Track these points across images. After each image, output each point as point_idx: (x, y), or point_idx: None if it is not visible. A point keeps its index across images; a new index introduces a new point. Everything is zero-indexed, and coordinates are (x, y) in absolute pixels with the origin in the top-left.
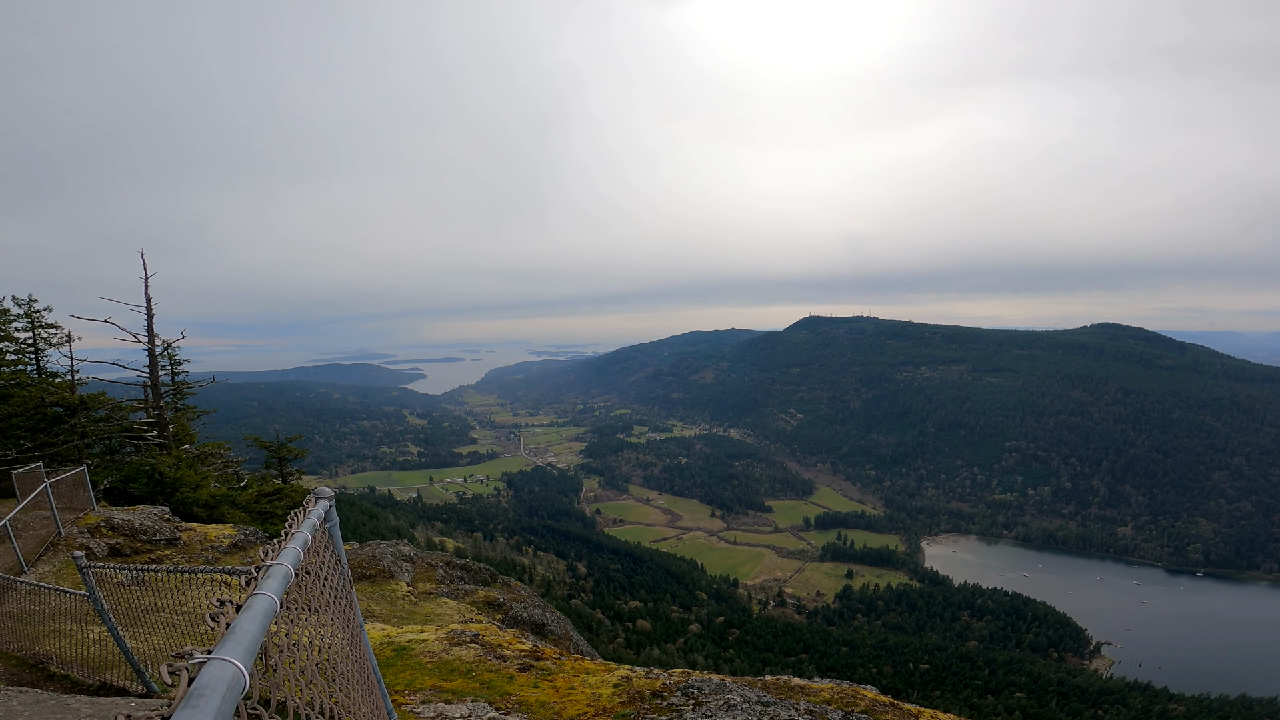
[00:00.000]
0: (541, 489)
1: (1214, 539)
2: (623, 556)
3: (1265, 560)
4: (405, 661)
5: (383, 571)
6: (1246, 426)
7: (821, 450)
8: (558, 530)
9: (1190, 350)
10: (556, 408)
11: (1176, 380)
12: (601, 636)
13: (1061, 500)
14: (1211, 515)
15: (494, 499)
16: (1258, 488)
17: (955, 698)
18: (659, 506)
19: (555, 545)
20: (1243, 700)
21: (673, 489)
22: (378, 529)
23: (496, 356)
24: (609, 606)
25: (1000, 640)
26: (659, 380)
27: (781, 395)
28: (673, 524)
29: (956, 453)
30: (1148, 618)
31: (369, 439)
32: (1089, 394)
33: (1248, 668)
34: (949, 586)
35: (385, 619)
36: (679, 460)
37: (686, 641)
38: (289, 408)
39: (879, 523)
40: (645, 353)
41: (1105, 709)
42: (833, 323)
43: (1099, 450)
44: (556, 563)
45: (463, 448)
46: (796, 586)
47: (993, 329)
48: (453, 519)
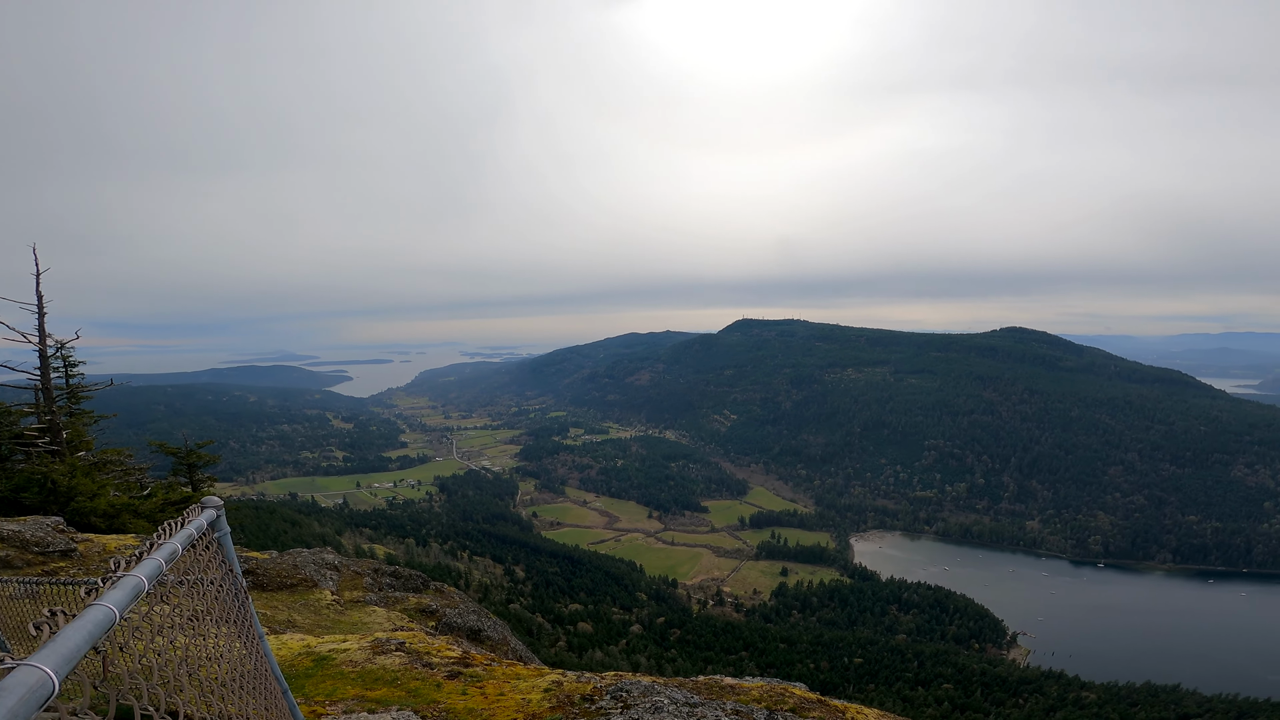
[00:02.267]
0: (476, 492)
1: (1112, 531)
2: (561, 559)
3: (1159, 551)
4: (326, 671)
5: (305, 580)
6: (1138, 424)
7: (755, 450)
8: (494, 534)
9: (1088, 353)
10: (490, 410)
11: (1076, 381)
12: (542, 640)
13: (976, 496)
14: (1109, 509)
15: (426, 504)
16: (1149, 482)
17: (889, 690)
18: (597, 508)
19: (492, 549)
20: (1148, 687)
21: (610, 491)
22: (301, 536)
23: (428, 358)
24: (549, 610)
25: (926, 633)
26: (595, 382)
27: (716, 397)
28: (611, 526)
29: (881, 451)
30: (1057, 608)
31: (290, 444)
32: (999, 394)
33: (1148, 655)
34: (877, 582)
35: (308, 629)
36: (616, 462)
37: (629, 643)
38: (200, 411)
39: (811, 521)
40: (581, 354)
41: (1025, 698)
42: (765, 325)
43: (1008, 448)
44: (494, 567)
45: (392, 451)
46: (734, 585)
47: (913, 332)
48: (382, 525)
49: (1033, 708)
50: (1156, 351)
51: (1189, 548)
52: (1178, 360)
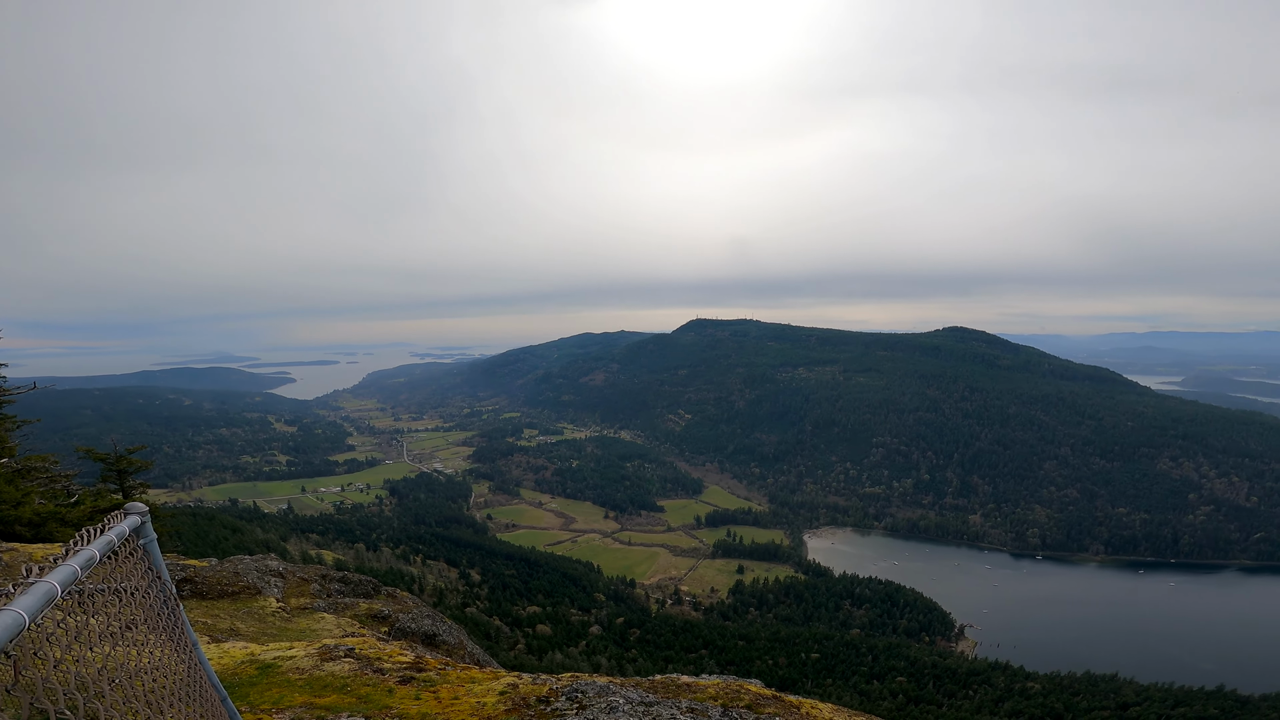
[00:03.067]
0: (428, 495)
1: (1048, 524)
2: (518, 561)
3: (1092, 543)
4: (272, 679)
5: (248, 588)
6: (1070, 420)
7: (709, 450)
8: (448, 537)
9: (1024, 352)
10: (442, 411)
11: (1013, 379)
12: (501, 644)
13: (922, 492)
14: (1045, 502)
15: (376, 508)
16: (1081, 476)
17: (845, 684)
18: (552, 510)
19: (446, 553)
20: (1087, 677)
21: (565, 492)
22: (243, 543)
23: (376, 359)
24: (506, 613)
25: (879, 627)
26: (549, 382)
27: (670, 396)
28: (567, 527)
29: (831, 449)
30: (1000, 600)
31: (229, 448)
32: (941, 392)
33: (1086, 645)
34: (831, 577)
35: (253, 637)
36: (571, 463)
37: (589, 644)
38: (130, 416)
39: (765, 518)
40: (535, 355)
41: (974, 689)
42: (719, 325)
43: (951, 444)
44: (448, 571)
45: (339, 455)
46: (692, 584)
47: (861, 332)
48: (330, 530)
49: (982, 699)
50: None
51: (1120, 539)
52: (1106, 358)
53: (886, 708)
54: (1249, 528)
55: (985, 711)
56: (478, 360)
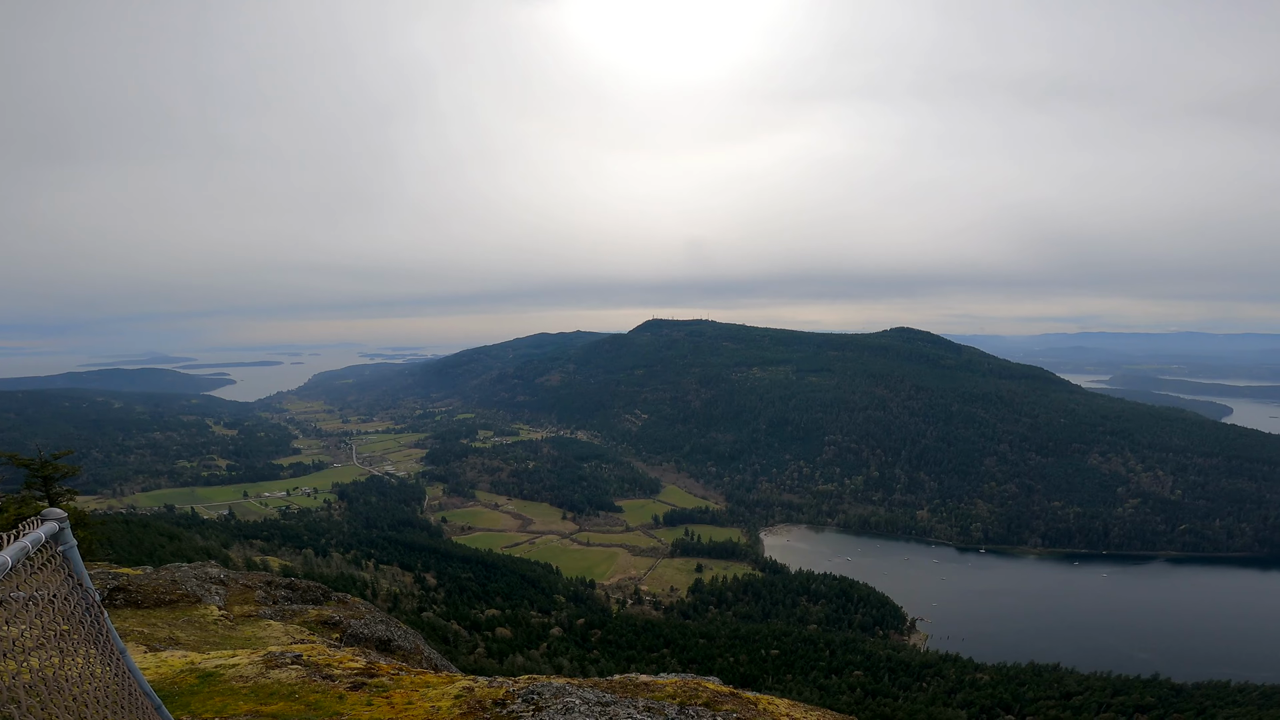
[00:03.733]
0: (380, 499)
1: (990, 518)
2: (475, 564)
3: (1030, 536)
4: (213, 688)
5: (187, 596)
6: (1008, 417)
7: (666, 449)
8: (401, 541)
9: (966, 351)
10: (393, 413)
11: (955, 378)
12: (460, 648)
13: (872, 488)
14: (986, 497)
15: (325, 512)
16: (1019, 471)
17: (805, 679)
18: (509, 512)
19: (400, 557)
20: (1032, 667)
21: (522, 493)
22: (181, 551)
23: (323, 359)
24: (465, 617)
25: (835, 622)
26: (504, 383)
27: (627, 396)
28: (524, 529)
29: (785, 447)
30: (947, 593)
31: (164, 453)
32: (889, 391)
33: (1029, 635)
34: (787, 574)
35: (194, 645)
36: (527, 464)
37: (550, 646)
38: (56, 419)
39: (722, 517)
40: (489, 355)
41: (927, 681)
42: (674, 325)
43: (899, 441)
44: (403, 575)
45: (284, 459)
46: (652, 583)
47: (813, 332)
48: (276, 536)
49: (935, 690)
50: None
51: (1056, 532)
52: (1040, 358)
53: (846, 701)
54: (1174, 520)
55: (939, 703)
56: (430, 361)
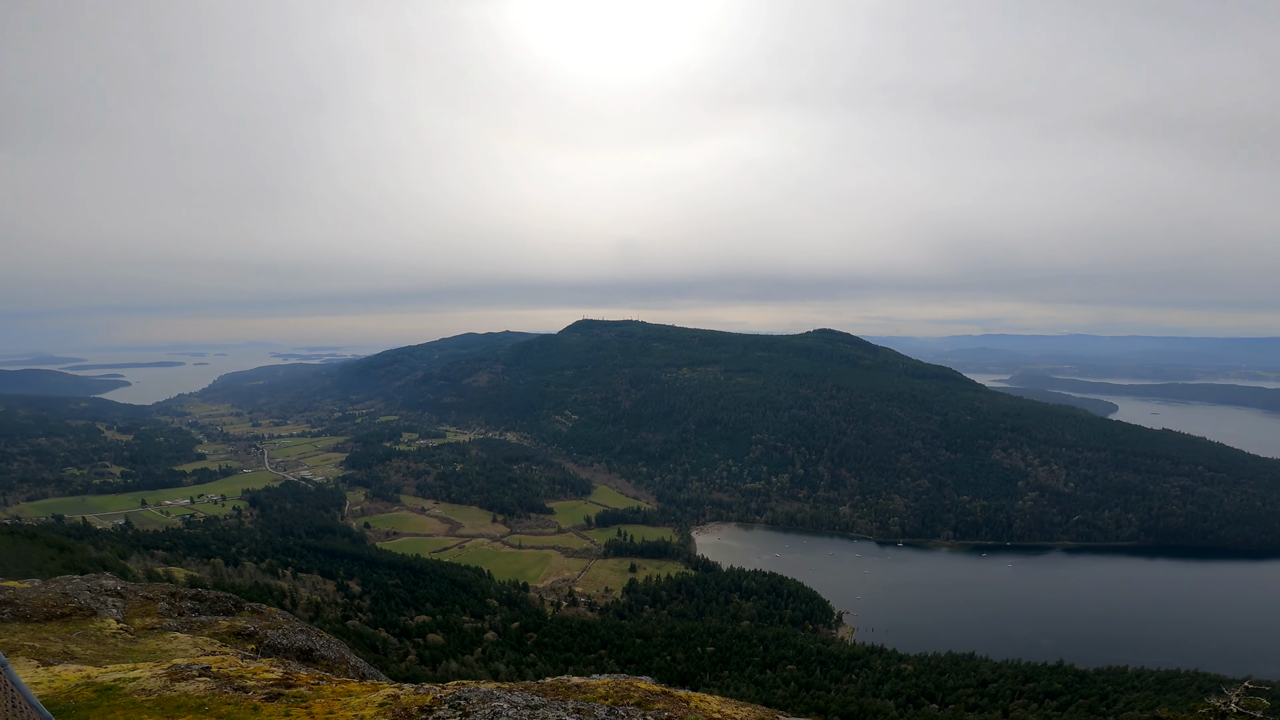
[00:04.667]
0: (296, 505)
1: (906, 513)
2: (402, 570)
3: (943, 529)
4: (113, 702)
5: (81, 609)
6: (921, 415)
7: (597, 450)
8: (321, 549)
9: (882, 352)
10: (310, 416)
11: (873, 377)
12: (390, 656)
13: (797, 485)
14: (902, 492)
15: (234, 520)
16: (931, 467)
17: (741, 675)
18: (436, 515)
19: (320, 565)
20: (951, 657)
21: (450, 496)
22: (73, 563)
23: (230, 360)
24: (394, 624)
25: (767, 617)
26: (429, 384)
27: (557, 397)
28: (453, 532)
29: (714, 447)
30: (870, 586)
31: (50, 459)
32: (812, 390)
33: (946, 625)
34: (719, 572)
35: (91, 659)
36: (455, 466)
37: (485, 650)
38: None
39: (654, 516)
40: (414, 355)
41: (856, 673)
42: (605, 326)
43: (821, 439)
44: (324, 583)
45: (186, 465)
46: (586, 584)
47: (740, 333)
48: (180, 545)
49: (864, 681)
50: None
51: (965, 525)
52: (949, 358)
53: (781, 695)
54: (1068, 511)
55: (869, 694)
56: (350, 361)
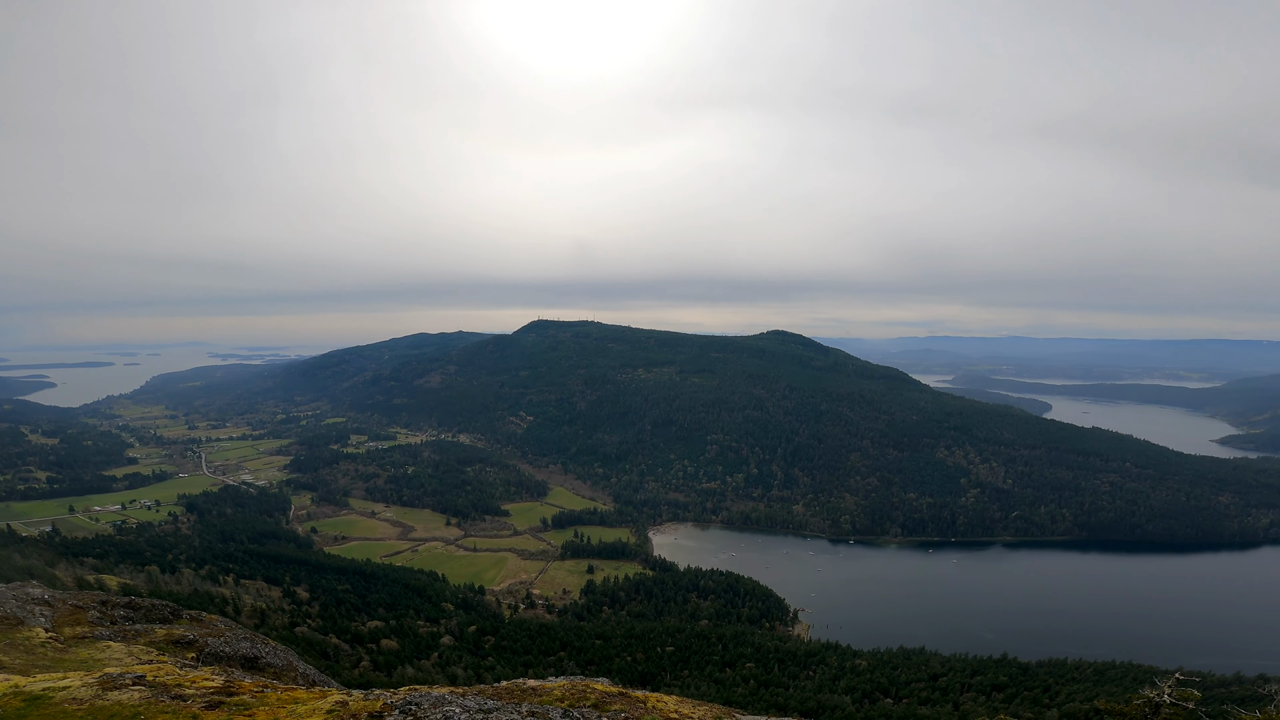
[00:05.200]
0: (237, 510)
1: (856, 511)
2: (352, 575)
3: (891, 526)
4: (43, 711)
5: (6, 618)
6: (869, 415)
7: (553, 451)
8: (265, 554)
9: (833, 353)
10: (251, 418)
11: (824, 378)
12: (342, 663)
13: (752, 485)
14: (853, 490)
15: (170, 526)
16: (880, 465)
17: (701, 674)
18: (387, 519)
19: (264, 571)
20: (902, 651)
21: (402, 500)
22: None
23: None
24: (345, 630)
25: (724, 616)
26: (379, 385)
27: (512, 398)
28: (405, 536)
29: (670, 447)
30: (824, 584)
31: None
32: (766, 391)
33: (896, 621)
34: (677, 572)
35: (20, 669)
36: (406, 469)
37: (442, 655)
38: None
39: (610, 517)
40: (363, 356)
41: (813, 669)
42: (560, 327)
43: (775, 439)
44: (269, 590)
45: (117, 469)
46: (543, 586)
47: (696, 334)
48: (112, 552)
49: (821, 678)
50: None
51: (912, 522)
52: (896, 359)
53: (741, 693)
54: (1008, 507)
55: (826, 690)
56: (294, 362)
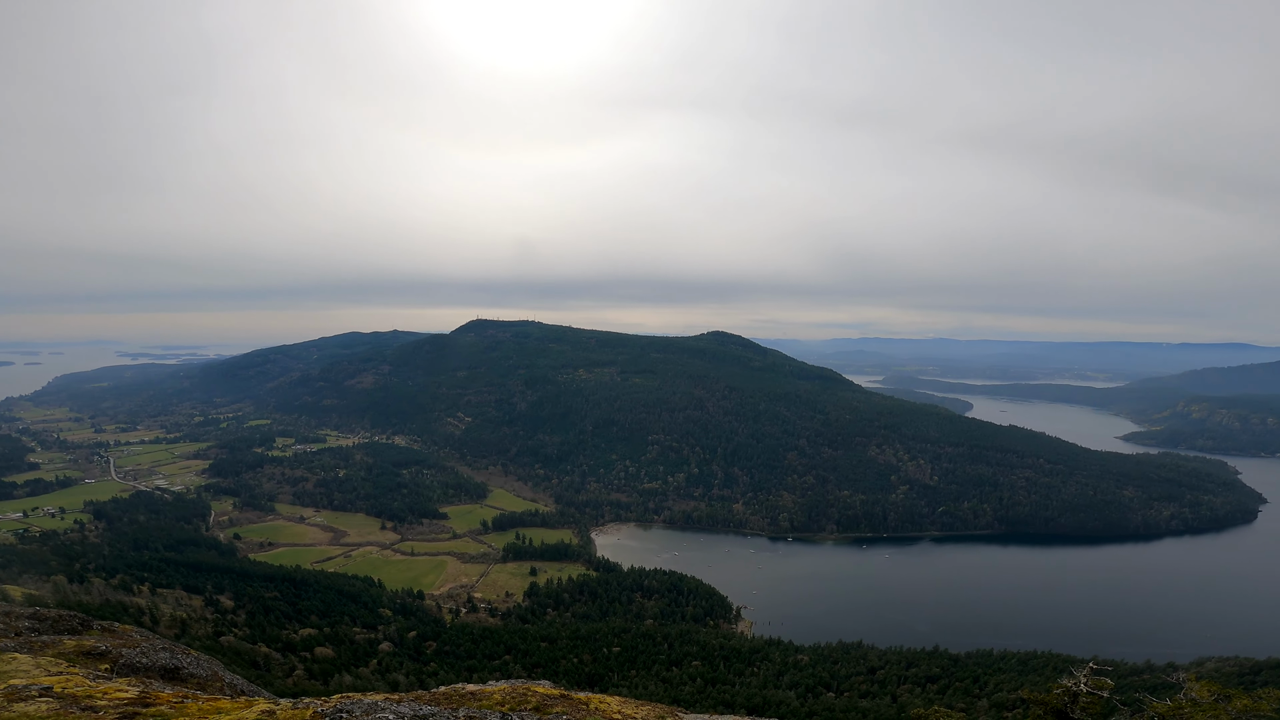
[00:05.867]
0: (150, 517)
1: (794, 508)
2: (281, 582)
3: (827, 523)
4: None
5: None
6: (805, 414)
7: (492, 453)
8: (183, 562)
9: (771, 354)
10: (165, 421)
11: (762, 379)
12: (274, 672)
13: (693, 484)
14: (790, 488)
15: (77, 534)
16: (816, 464)
17: (649, 674)
18: (318, 524)
19: (184, 579)
20: (841, 646)
21: (333, 504)
22: None
23: (68, 359)
24: (275, 638)
25: (669, 615)
26: (307, 386)
27: (449, 399)
28: (338, 541)
29: (611, 448)
30: (765, 581)
31: None
32: (706, 391)
33: (834, 616)
34: (620, 572)
35: None
36: (337, 472)
37: (381, 662)
38: None
39: (552, 519)
40: (289, 355)
41: (758, 665)
42: (500, 326)
43: (715, 439)
44: (190, 599)
45: (17, 475)
46: (485, 590)
47: (637, 335)
48: (13, 562)
49: (766, 674)
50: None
51: (847, 518)
52: (830, 360)
53: (689, 691)
54: (935, 503)
55: (770, 686)
56: (214, 362)
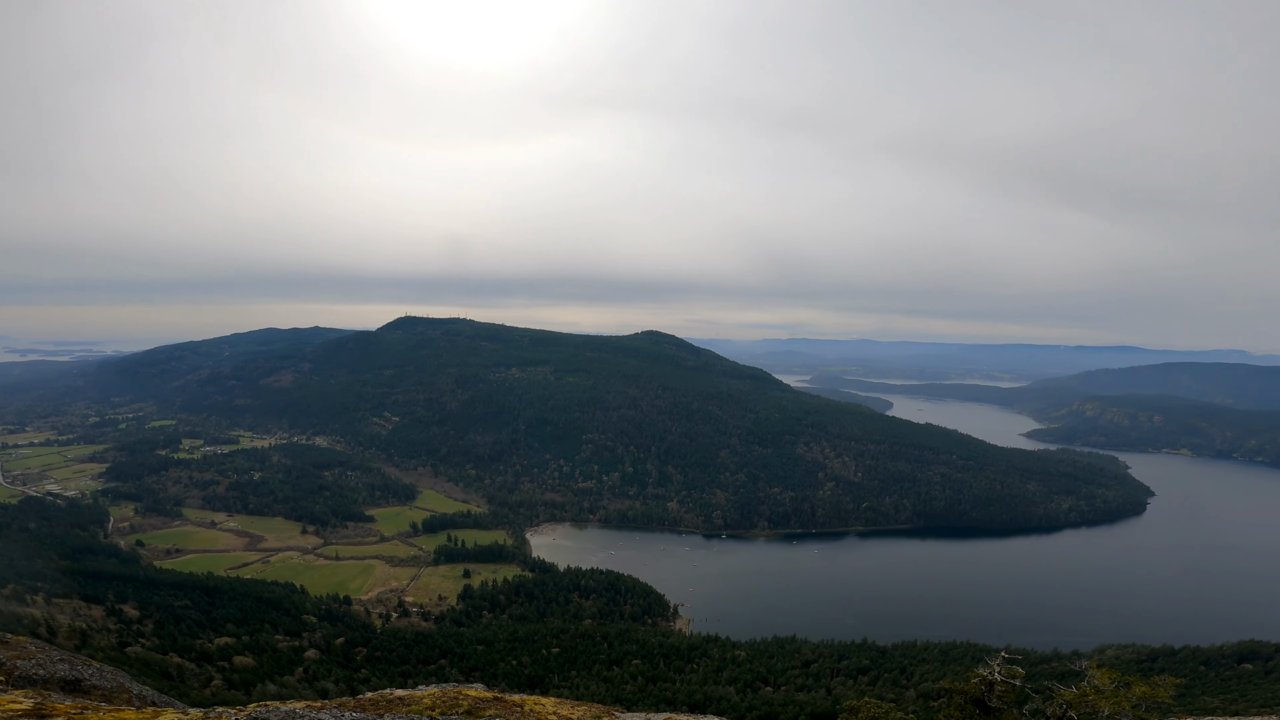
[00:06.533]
0: (41, 525)
1: (727, 506)
2: (191, 590)
3: (759, 520)
4: None
5: None
6: (737, 413)
7: (421, 453)
8: (80, 571)
9: (704, 354)
10: (56, 421)
11: (695, 378)
12: (189, 683)
13: (628, 483)
14: (723, 486)
15: None
16: (747, 462)
17: (589, 673)
18: (231, 529)
19: (81, 589)
20: (776, 640)
21: (247, 508)
22: None
23: None
24: (188, 648)
25: (607, 615)
26: (218, 384)
27: (375, 398)
28: (254, 547)
29: (545, 447)
30: (700, 578)
31: None
32: (640, 390)
33: (769, 611)
34: (557, 573)
35: None
36: (252, 475)
37: (308, 670)
38: None
39: (485, 520)
40: (198, 352)
41: (697, 662)
42: (430, 324)
43: (649, 438)
44: (89, 609)
45: None
46: (417, 594)
47: (571, 334)
48: None
49: (705, 670)
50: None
51: (777, 515)
52: (761, 360)
53: (631, 690)
54: (859, 498)
55: (710, 682)
56: (111, 359)
